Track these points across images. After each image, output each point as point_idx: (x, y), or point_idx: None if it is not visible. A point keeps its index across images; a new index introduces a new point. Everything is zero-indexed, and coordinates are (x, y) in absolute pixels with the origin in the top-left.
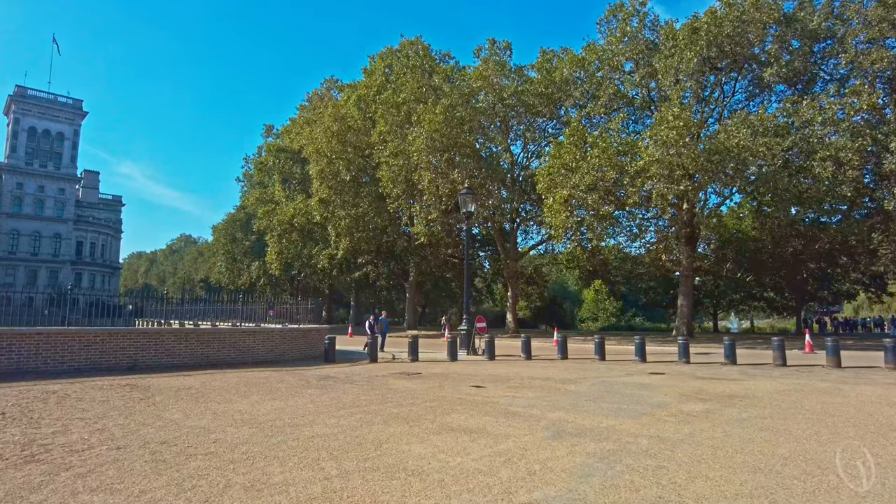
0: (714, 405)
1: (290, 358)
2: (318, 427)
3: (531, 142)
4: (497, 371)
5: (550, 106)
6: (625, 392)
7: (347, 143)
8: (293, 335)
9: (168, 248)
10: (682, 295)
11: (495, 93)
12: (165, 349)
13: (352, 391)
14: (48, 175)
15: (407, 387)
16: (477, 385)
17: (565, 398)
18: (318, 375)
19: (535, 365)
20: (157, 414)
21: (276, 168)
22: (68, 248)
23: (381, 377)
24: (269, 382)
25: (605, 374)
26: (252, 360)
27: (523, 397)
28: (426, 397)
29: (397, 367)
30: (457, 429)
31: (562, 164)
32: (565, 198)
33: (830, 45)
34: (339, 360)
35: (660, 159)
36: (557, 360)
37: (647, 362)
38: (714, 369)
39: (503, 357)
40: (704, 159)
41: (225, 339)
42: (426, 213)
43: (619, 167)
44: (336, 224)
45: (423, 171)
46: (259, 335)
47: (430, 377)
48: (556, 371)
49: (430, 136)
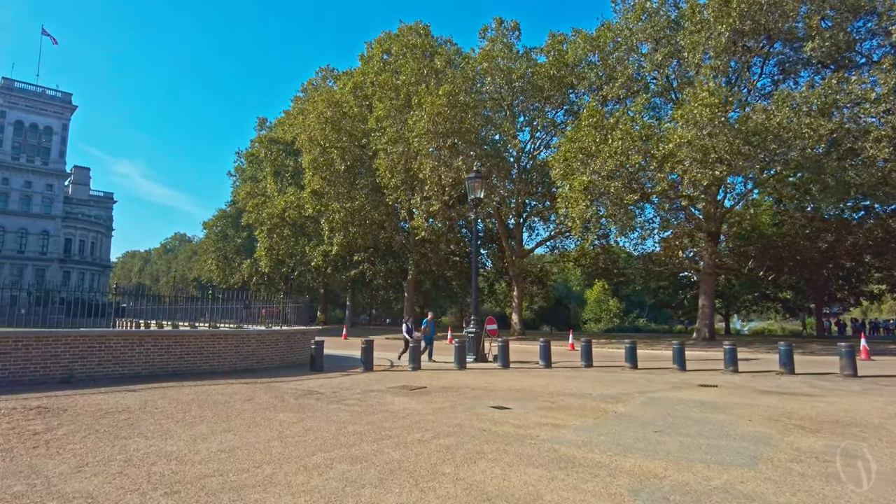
0: (833, 439)
1: (269, 365)
2: (275, 492)
3: (540, 129)
4: (517, 383)
5: (562, 90)
6: (693, 416)
7: (342, 130)
8: (274, 339)
9: (162, 246)
10: (704, 294)
11: (503, 75)
12: (113, 356)
13: (337, 416)
14: (35, 170)
15: (410, 408)
16: (500, 406)
17: (625, 428)
18: (299, 390)
19: (559, 375)
20: (31, 465)
21: (267, 160)
22: (56, 245)
23: (376, 393)
24: (232, 402)
25: (647, 386)
26: (223, 369)
27: (568, 427)
28: (437, 428)
29: (396, 377)
30: (494, 496)
31: (580, 148)
32: (585, 185)
33: (869, 22)
34: (328, 368)
35: (691, 141)
36: (581, 367)
37: (688, 371)
38: (772, 380)
39: (517, 364)
40: (741, 141)
41: (189, 344)
42: (427, 205)
43: (644, 151)
44: (330, 218)
45: (423, 159)
46: (232, 339)
47: (437, 392)
48: (588, 384)
49: (432, 119)
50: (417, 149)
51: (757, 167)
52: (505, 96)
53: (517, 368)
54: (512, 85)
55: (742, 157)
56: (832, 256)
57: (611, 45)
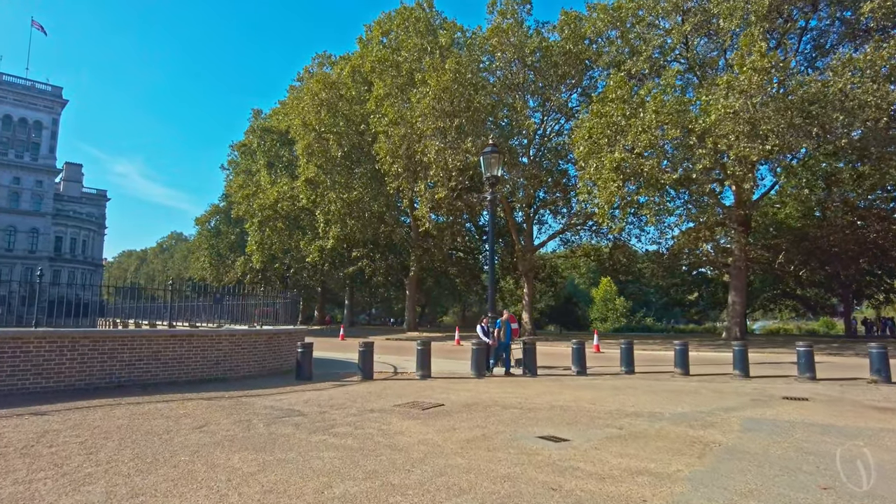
0: None
1: (246, 373)
2: None
3: (554, 111)
4: (557, 397)
5: (578, 66)
6: (828, 449)
7: (339, 114)
8: (252, 341)
9: (158, 245)
10: (734, 290)
11: (514, 51)
12: (33, 365)
13: (320, 460)
14: (24, 166)
15: (426, 441)
16: (552, 436)
17: (765, 479)
18: (275, 410)
19: (603, 385)
20: None
21: (260, 150)
22: (46, 243)
23: (377, 414)
24: (175, 431)
25: (721, 401)
26: (187, 378)
27: (676, 477)
28: (477, 488)
29: (402, 389)
30: None
31: (608, 123)
32: (617, 163)
33: None
34: (318, 376)
35: (738, 112)
36: (622, 374)
37: (753, 377)
38: (868, 391)
39: (543, 371)
40: (795, 112)
41: (141, 348)
42: (431, 192)
43: (681, 125)
44: (325, 209)
45: (428, 142)
46: (197, 341)
47: (459, 413)
48: (645, 397)
49: (438, 96)
50: (422, 130)
51: (811, 142)
52: (517, 74)
53: (546, 376)
54: (524, 61)
55: (795, 130)
56: (870, 250)
57: (631, 19)
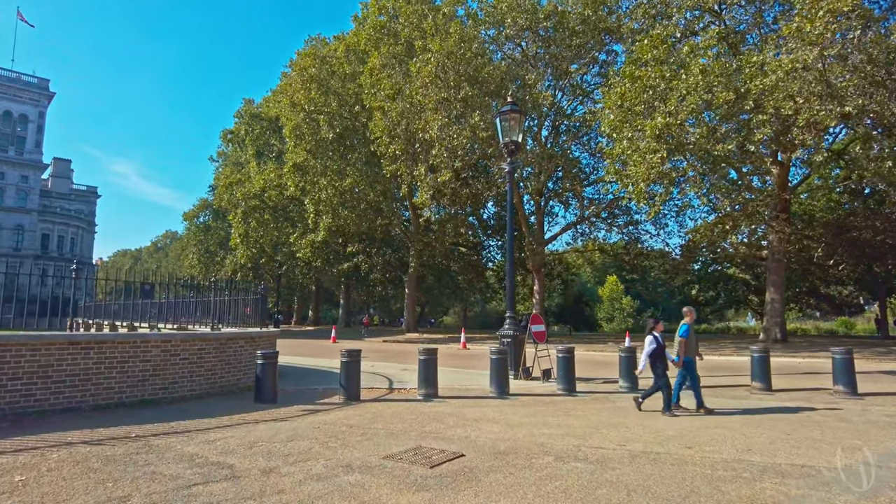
0: None
1: (186, 393)
2: None
3: (567, 88)
4: (626, 435)
5: (597, 36)
6: None
7: (330, 92)
8: (196, 349)
9: (153, 244)
10: (772, 287)
11: (527, 15)
12: None
13: None
14: (9, 161)
15: None
16: None
17: None
18: (191, 467)
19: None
20: None
21: (249, 139)
22: (32, 240)
23: (355, 478)
24: None
25: (860, 436)
26: (97, 402)
27: None
28: None
29: (398, 420)
30: None
31: (644, 87)
32: (660, 129)
33: None
34: (288, 395)
35: (809, 66)
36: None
37: (862, 395)
38: None
39: (580, 384)
40: (876, 67)
41: (23, 362)
42: (433, 177)
43: (733, 87)
44: (315, 197)
45: (430, 116)
46: (109, 350)
47: (488, 474)
48: (753, 430)
49: (441, 62)
50: (422, 104)
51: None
52: (529, 45)
53: (587, 393)
54: (536, 29)
55: (877, 88)
56: None
57: None
